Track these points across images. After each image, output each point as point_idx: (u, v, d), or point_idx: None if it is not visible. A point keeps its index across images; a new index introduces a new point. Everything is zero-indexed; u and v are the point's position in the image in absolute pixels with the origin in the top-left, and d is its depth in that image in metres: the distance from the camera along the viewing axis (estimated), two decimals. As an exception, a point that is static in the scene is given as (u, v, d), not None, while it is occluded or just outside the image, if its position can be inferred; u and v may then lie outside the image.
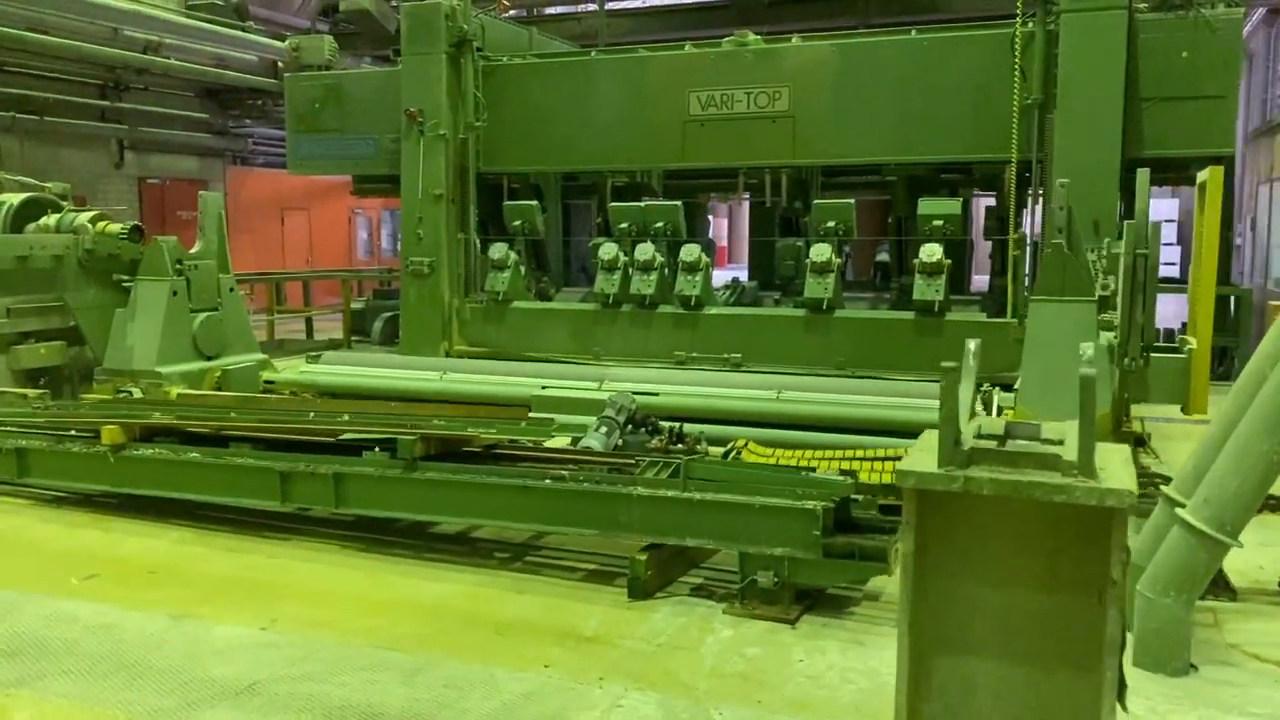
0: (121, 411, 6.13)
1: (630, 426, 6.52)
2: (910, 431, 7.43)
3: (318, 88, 12.54)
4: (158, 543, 5.64)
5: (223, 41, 16.66)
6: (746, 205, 20.12)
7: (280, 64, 17.10)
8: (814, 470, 4.64)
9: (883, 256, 13.58)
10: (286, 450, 5.42)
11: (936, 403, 6.41)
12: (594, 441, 6.13)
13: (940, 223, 9.99)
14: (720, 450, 6.37)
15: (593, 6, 17.55)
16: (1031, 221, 9.71)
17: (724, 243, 33.71)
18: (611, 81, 11.27)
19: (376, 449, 5.15)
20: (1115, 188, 9.04)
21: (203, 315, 8.75)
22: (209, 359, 8.78)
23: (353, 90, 12.43)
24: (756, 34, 11.04)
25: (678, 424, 6.56)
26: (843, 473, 4.74)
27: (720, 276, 13.00)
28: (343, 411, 5.66)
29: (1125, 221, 4.54)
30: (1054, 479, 2.31)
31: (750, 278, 13.17)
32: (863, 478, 5.21)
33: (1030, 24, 9.59)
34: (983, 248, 12.53)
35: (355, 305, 14.45)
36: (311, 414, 5.63)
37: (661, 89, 10.99)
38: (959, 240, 10.29)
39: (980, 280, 13.58)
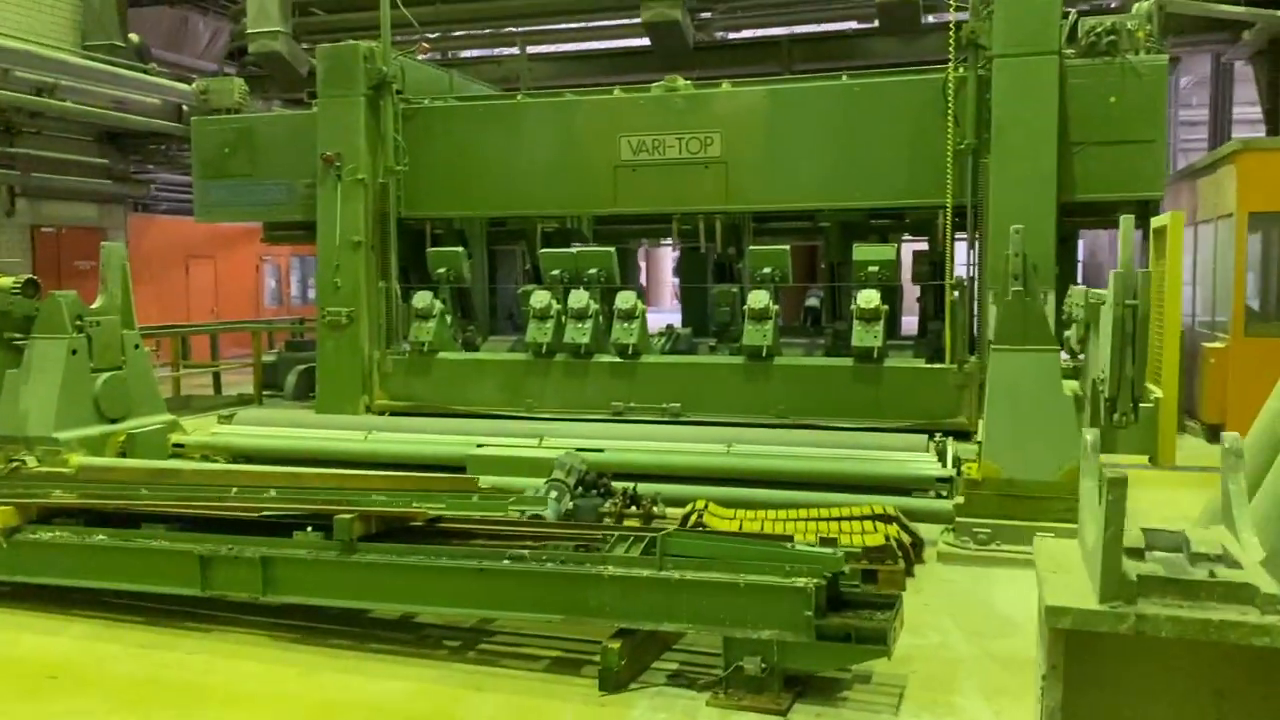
0: (16, 490, 5.50)
1: (580, 489, 6.11)
2: (865, 484, 7.25)
3: (227, 131, 11.96)
4: (59, 640, 5.02)
5: (123, 84, 15.88)
6: (667, 248, 19.94)
7: (185, 107, 16.37)
8: (791, 540, 4.29)
9: (812, 301, 13.51)
10: (206, 529, 4.89)
11: (888, 454, 6.18)
12: (544, 508, 5.71)
13: (876, 268, 9.89)
14: (678, 511, 6.02)
15: (512, 51, 17.27)
16: (969, 266, 9.63)
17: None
18: (540, 125, 10.97)
19: (309, 528, 4.66)
20: (1052, 232, 9.04)
21: (105, 375, 8.06)
22: (112, 422, 8.10)
23: (265, 134, 11.89)
24: (684, 79, 10.86)
25: (631, 485, 6.18)
26: (823, 541, 4.42)
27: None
28: (268, 484, 5.14)
29: (1113, 271, 4.37)
30: (1251, 617, 1.90)
31: (681, 324, 12.91)
32: (841, 542, 4.90)
33: (962, 69, 9.61)
34: (910, 291, 12.52)
35: (266, 358, 13.76)
36: (234, 489, 5.10)
37: (592, 133, 10.74)
38: (892, 285, 10.19)
39: (908, 322, 13.57)
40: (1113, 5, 13.30)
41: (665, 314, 15.59)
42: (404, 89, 11.34)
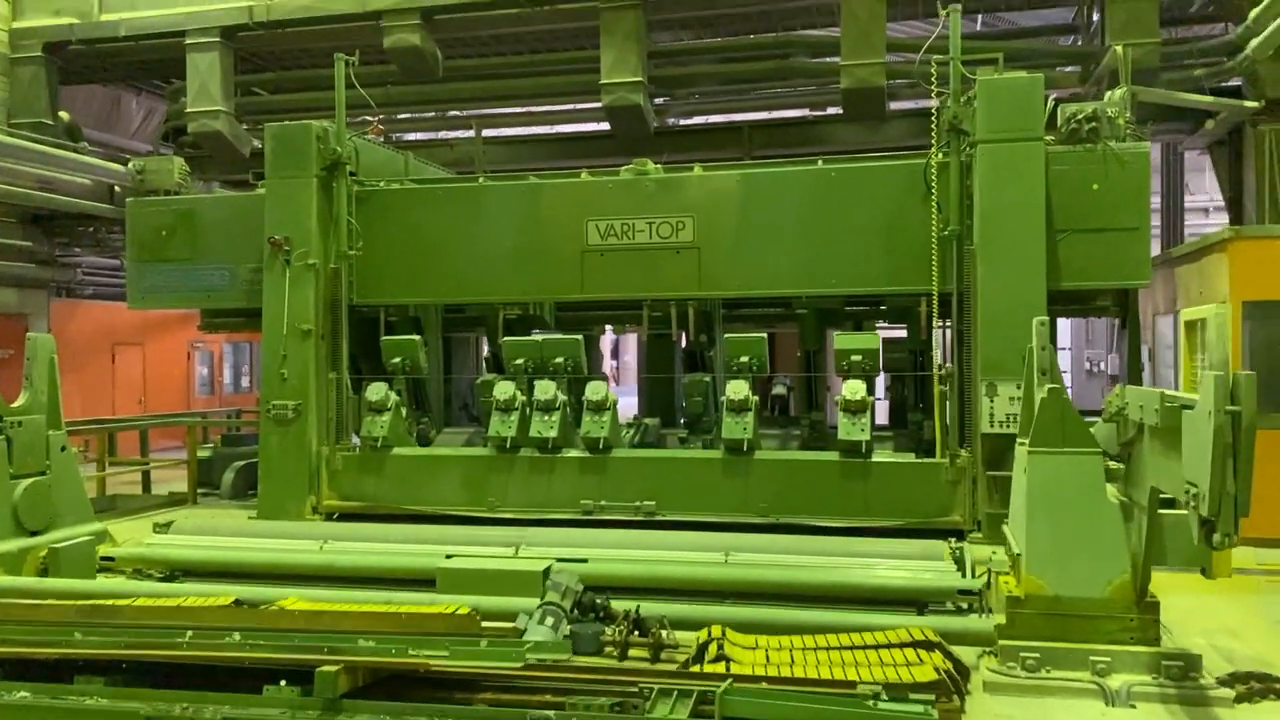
0: (-81, 633, 4.66)
1: (577, 612, 5.45)
2: (880, 598, 6.69)
3: (166, 213, 11.26)
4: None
5: (52, 163, 15.06)
6: (624, 333, 19.46)
7: (117, 188, 15.59)
8: (874, 696, 3.69)
9: (779, 389, 13.05)
10: (153, 680, 4.11)
11: (903, 563, 5.63)
12: (539, 635, 5.04)
13: (859, 358, 9.50)
14: (687, 638, 5.37)
15: (461, 133, 16.87)
16: (957, 355, 9.27)
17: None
18: (502, 209, 10.48)
19: (282, 680, 3.93)
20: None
21: (26, 482, 7.21)
22: (33, 534, 7.22)
23: (206, 216, 11.22)
24: (652, 163, 10.50)
25: (634, 606, 5.52)
26: (888, 688, 3.83)
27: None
28: (230, 625, 4.38)
29: (1209, 372, 3.94)
30: None
31: (645, 414, 12.35)
32: (889, 676, 4.32)
33: (942, 154, 9.37)
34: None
35: (201, 453, 12.83)
36: (189, 633, 4.33)
37: (557, 217, 10.28)
38: (874, 375, 9.79)
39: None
40: (1079, 93, 13.35)
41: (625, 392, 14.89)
42: (358, 170, 10.80)
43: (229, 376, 22.11)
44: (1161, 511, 5.09)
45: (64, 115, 16.66)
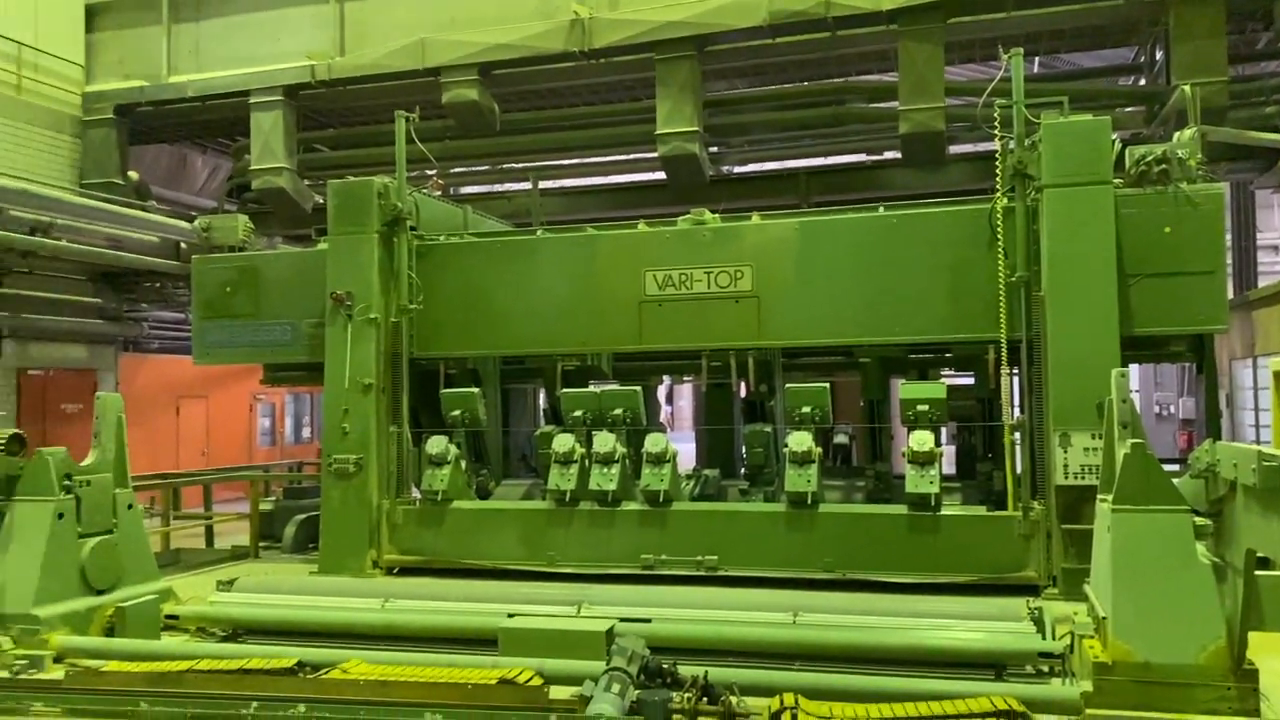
0: (-12, 701, 4.68)
1: (644, 678, 5.30)
2: (954, 660, 6.45)
3: (230, 270, 11.43)
4: None
5: (122, 222, 15.46)
6: (681, 383, 19.42)
7: (183, 245, 15.94)
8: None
9: (840, 438, 12.82)
10: (217, 752, 4.07)
11: (980, 624, 5.39)
12: (606, 705, 4.90)
13: (925, 407, 9.28)
14: (757, 704, 5.19)
15: (517, 186, 17.04)
16: (1027, 404, 9.02)
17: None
18: (560, 260, 10.49)
19: (349, 755, 3.86)
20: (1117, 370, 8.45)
21: (94, 541, 7.27)
22: (99, 593, 7.26)
23: (269, 272, 11.36)
24: (710, 212, 10.44)
25: (702, 672, 5.36)
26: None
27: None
28: (297, 697, 4.32)
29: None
30: None
31: (704, 465, 12.18)
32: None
33: (1007, 199, 9.20)
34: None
35: (263, 506, 12.91)
36: (253, 705, 4.27)
37: (615, 268, 10.25)
38: (940, 425, 9.55)
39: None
40: (1143, 134, 13.10)
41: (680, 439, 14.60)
42: (418, 225, 10.89)
43: (290, 427, 22.38)
44: (1259, 574, 4.84)
45: (133, 175, 17.15)
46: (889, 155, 15.42)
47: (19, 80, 15.98)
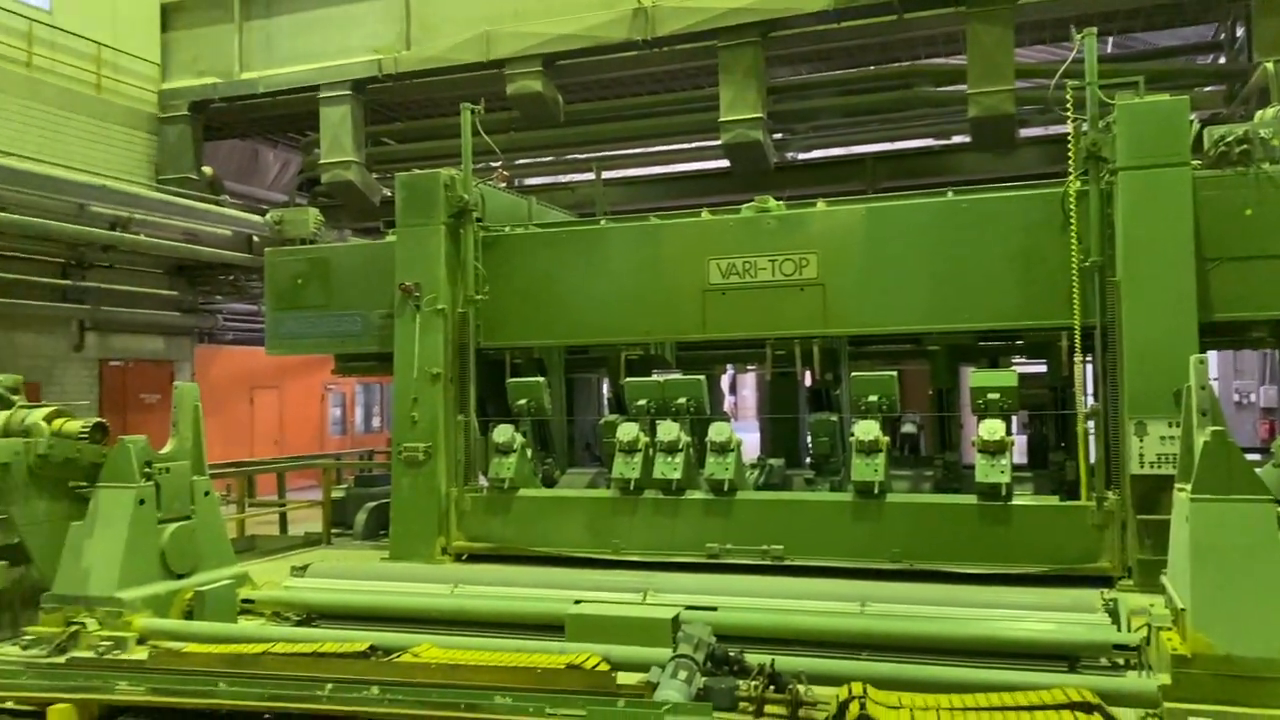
0: (77, 680, 4.84)
1: (710, 665, 5.30)
2: (1025, 652, 6.34)
3: (301, 262, 11.65)
4: None
5: (197, 216, 15.86)
6: (744, 372, 19.35)
7: (255, 238, 16.30)
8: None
9: (908, 428, 12.68)
10: (294, 732, 4.17)
11: (1052, 615, 5.26)
12: (673, 691, 4.91)
13: (996, 396, 9.11)
14: (824, 693, 5.16)
15: (581, 176, 17.10)
16: (1101, 391, 8.83)
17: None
18: (623, 250, 10.49)
19: (421, 738, 3.92)
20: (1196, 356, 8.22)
21: (173, 526, 7.48)
22: (179, 577, 7.47)
23: (340, 264, 11.55)
24: (774, 199, 10.37)
25: (769, 660, 5.35)
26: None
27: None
28: (370, 679, 4.41)
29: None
30: None
31: (768, 454, 12.13)
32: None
33: (1080, 182, 8.98)
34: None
35: (335, 494, 13.17)
36: (329, 686, 4.38)
37: (678, 257, 10.22)
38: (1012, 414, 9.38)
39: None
40: (1222, 114, 12.71)
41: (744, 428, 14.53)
42: (484, 216, 10.99)
43: (360, 417, 22.78)
44: (1346, 566, 4.69)
45: (207, 170, 17.58)
46: (957, 140, 15.17)
47: (99, 79, 16.46)
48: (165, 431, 7.99)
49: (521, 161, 17.69)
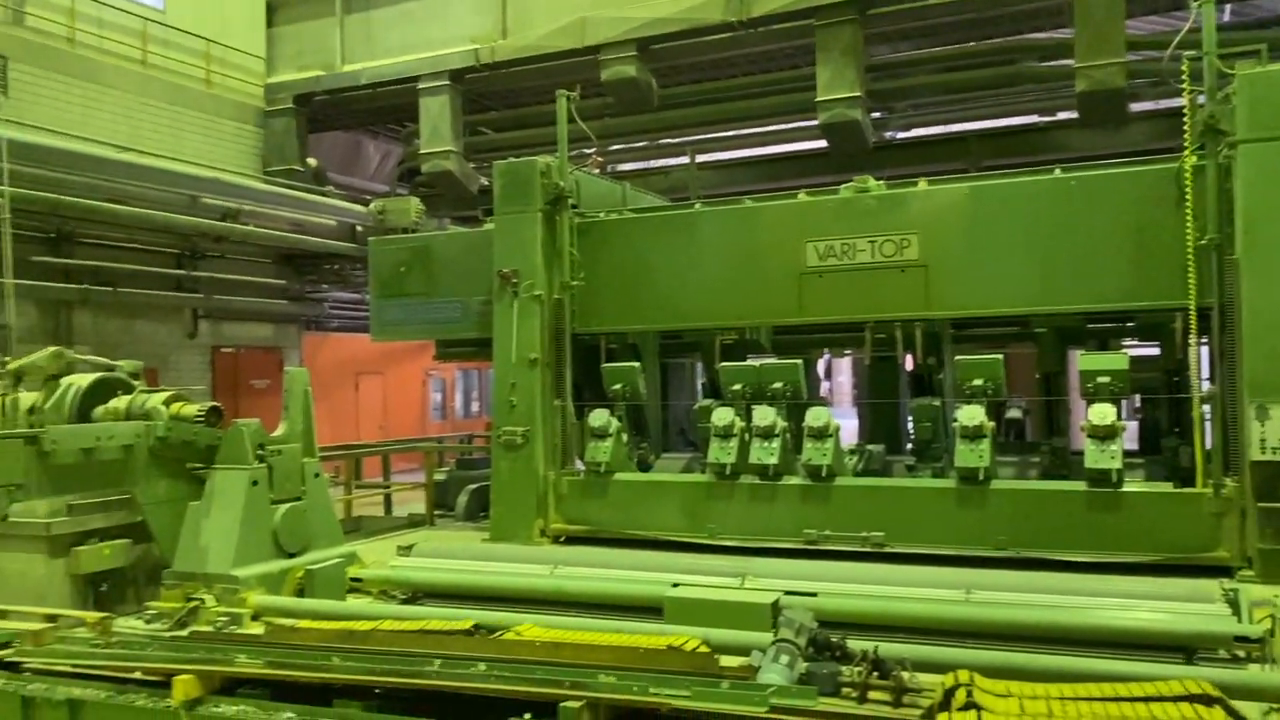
0: (199, 654, 5.05)
1: (812, 650, 5.26)
2: (1138, 642, 6.15)
3: (403, 251, 11.90)
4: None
5: (303, 207, 16.33)
6: (841, 356, 19.10)
7: (359, 227, 16.71)
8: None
9: (1014, 413, 12.36)
10: (404, 706, 4.27)
11: (1168, 604, 5.04)
12: (775, 675, 4.89)
13: (1106, 379, 8.81)
14: (928, 680, 5.08)
15: (674, 160, 17.07)
16: (1219, 374, 8.47)
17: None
18: (718, 234, 10.44)
19: (527, 715, 3.97)
20: (1323, 338, 7.83)
21: (285, 507, 7.76)
22: (290, 556, 7.74)
23: (440, 252, 11.77)
24: (873, 179, 10.18)
25: (873, 647, 5.28)
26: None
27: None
28: (476, 656, 4.50)
29: None
30: None
31: (867, 440, 11.96)
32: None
33: (1196, 157, 8.61)
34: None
35: (437, 476, 13.45)
36: (437, 662, 4.48)
37: (774, 240, 10.11)
38: (1122, 397, 9.07)
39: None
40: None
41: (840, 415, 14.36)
42: (579, 203, 11.05)
43: (460, 401, 23.21)
44: None
45: (312, 161, 18.07)
46: (1064, 115, 14.68)
47: (208, 75, 17.04)
48: (274, 416, 8.26)
49: (615, 147, 17.72)
